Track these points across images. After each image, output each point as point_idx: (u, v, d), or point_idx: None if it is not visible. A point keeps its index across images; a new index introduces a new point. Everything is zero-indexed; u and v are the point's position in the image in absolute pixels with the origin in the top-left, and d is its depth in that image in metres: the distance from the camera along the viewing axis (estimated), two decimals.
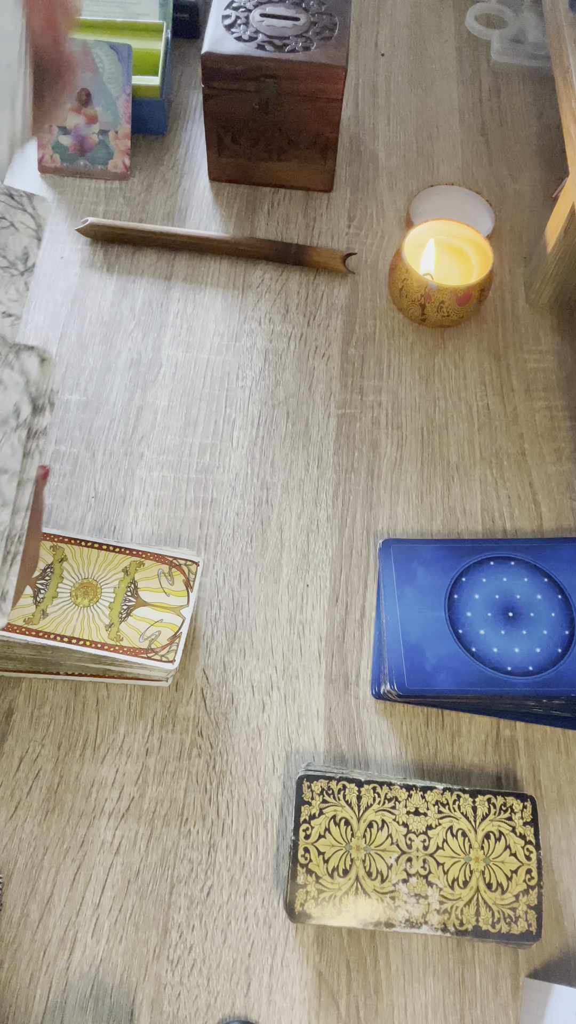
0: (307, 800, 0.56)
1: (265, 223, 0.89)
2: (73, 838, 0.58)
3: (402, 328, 0.83)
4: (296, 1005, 0.54)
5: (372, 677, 0.65)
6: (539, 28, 1.04)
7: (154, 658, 0.60)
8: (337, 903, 0.54)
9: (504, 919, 0.54)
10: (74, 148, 0.89)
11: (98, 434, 0.75)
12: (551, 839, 0.60)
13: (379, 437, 0.76)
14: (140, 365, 0.79)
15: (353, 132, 0.97)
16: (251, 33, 0.80)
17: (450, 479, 0.74)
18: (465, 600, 0.65)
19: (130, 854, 0.58)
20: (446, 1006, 0.54)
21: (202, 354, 0.80)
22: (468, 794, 0.57)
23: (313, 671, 0.65)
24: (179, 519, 0.71)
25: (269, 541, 0.70)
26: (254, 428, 0.76)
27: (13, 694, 0.63)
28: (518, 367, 0.81)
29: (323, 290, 0.85)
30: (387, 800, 0.57)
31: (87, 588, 0.62)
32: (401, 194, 0.92)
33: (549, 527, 0.72)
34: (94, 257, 0.86)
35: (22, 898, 0.56)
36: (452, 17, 1.08)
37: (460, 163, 0.95)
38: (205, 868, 0.58)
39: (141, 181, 0.91)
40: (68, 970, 0.54)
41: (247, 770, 0.61)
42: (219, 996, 0.54)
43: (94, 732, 0.62)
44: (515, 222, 0.91)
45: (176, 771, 0.61)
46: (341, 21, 0.81)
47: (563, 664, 0.62)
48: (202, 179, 0.92)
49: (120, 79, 0.87)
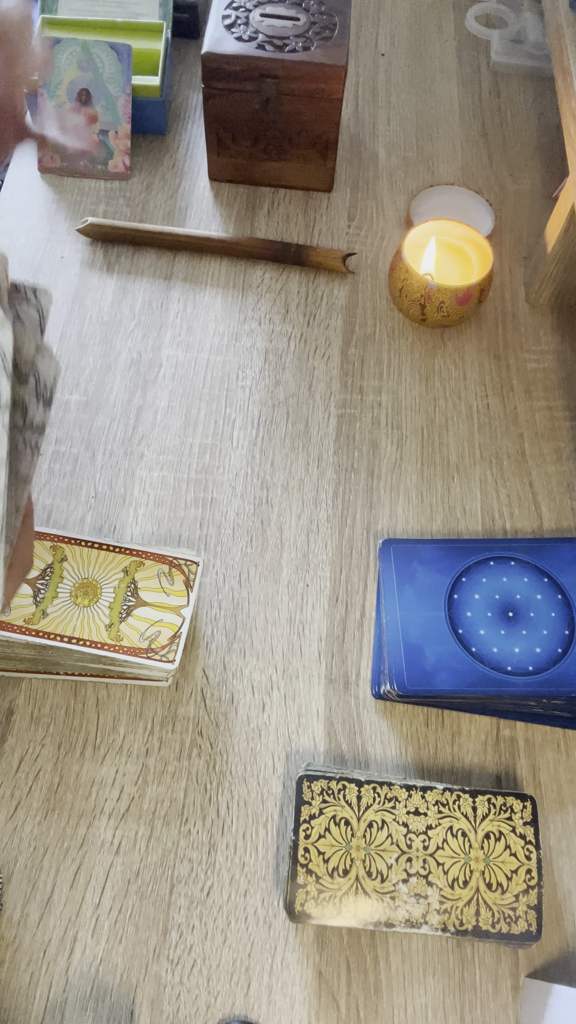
0: (307, 800, 0.56)
1: (265, 223, 0.89)
2: (73, 838, 0.58)
3: (402, 328, 0.83)
4: (296, 1005, 0.54)
5: (372, 677, 0.65)
6: (539, 28, 1.04)
7: (154, 658, 0.60)
8: (337, 903, 0.54)
9: (504, 919, 0.54)
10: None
11: (98, 434, 0.75)
12: (551, 839, 0.60)
13: (379, 437, 0.76)
14: (140, 365, 0.79)
15: (353, 132, 0.97)
16: (251, 33, 0.80)
17: (450, 479, 0.74)
18: (465, 600, 0.65)
19: (130, 854, 0.58)
20: (446, 1006, 0.54)
21: (202, 354, 0.80)
22: (468, 794, 0.57)
23: (313, 671, 0.65)
24: (179, 519, 0.71)
25: (269, 541, 0.70)
26: (254, 428, 0.76)
27: (13, 694, 0.63)
28: (518, 367, 0.81)
29: (323, 290, 0.85)
30: (387, 800, 0.57)
31: (87, 588, 0.62)
32: (401, 194, 0.92)
33: (549, 527, 0.72)
34: (94, 257, 0.86)
35: (22, 898, 0.56)
36: (452, 17, 1.08)
37: (460, 163, 0.95)
38: (205, 868, 0.58)
39: (141, 181, 0.91)
40: (68, 970, 0.54)
41: (247, 770, 0.61)
42: (219, 996, 0.54)
43: (94, 732, 0.62)
44: (515, 222, 0.91)
45: (176, 771, 0.61)
46: (341, 21, 0.81)
47: (563, 664, 0.62)
48: (202, 179, 0.92)
49: (120, 79, 0.87)
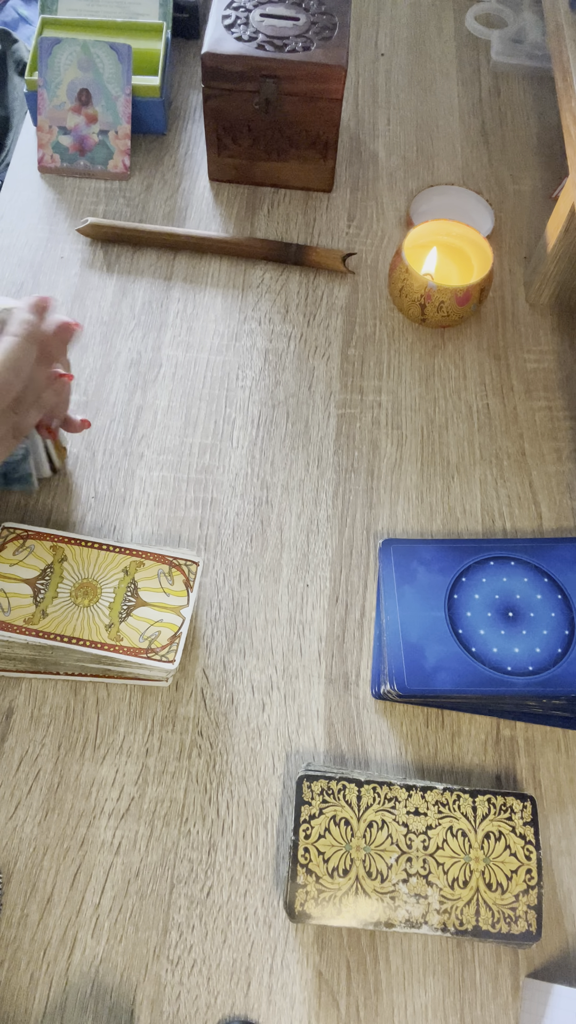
0: (307, 800, 0.56)
1: (265, 223, 0.89)
2: (73, 838, 0.58)
3: (402, 328, 0.83)
4: (296, 1005, 0.54)
5: (372, 677, 0.65)
6: (539, 28, 1.04)
7: (154, 658, 0.60)
8: (337, 903, 0.54)
9: (504, 919, 0.54)
10: (74, 148, 0.89)
11: (98, 434, 0.75)
12: (551, 839, 0.60)
13: (379, 437, 0.76)
14: (140, 365, 0.79)
15: (353, 132, 0.97)
16: (251, 33, 0.80)
17: (450, 479, 0.74)
18: (465, 600, 0.65)
19: (130, 854, 0.58)
20: (446, 1006, 0.54)
21: (202, 354, 0.80)
22: (468, 794, 0.57)
23: (313, 671, 0.65)
24: (179, 519, 0.71)
25: (269, 541, 0.70)
26: (254, 428, 0.76)
27: (13, 694, 0.63)
28: (518, 367, 0.81)
29: (323, 290, 0.85)
30: (387, 800, 0.57)
31: (87, 588, 0.62)
32: (401, 194, 0.92)
33: (549, 527, 0.72)
34: (94, 257, 0.86)
35: (22, 898, 0.56)
36: (452, 17, 1.08)
37: (460, 163, 0.95)
38: (205, 868, 0.58)
39: (141, 181, 0.91)
40: (68, 970, 0.54)
41: (247, 770, 0.61)
42: (219, 996, 0.54)
43: (94, 732, 0.62)
44: (515, 222, 0.91)
45: (176, 771, 0.61)
46: (341, 21, 0.81)
47: (563, 664, 0.62)
48: (202, 179, 0.92)
49: (120, 79, 0.87)
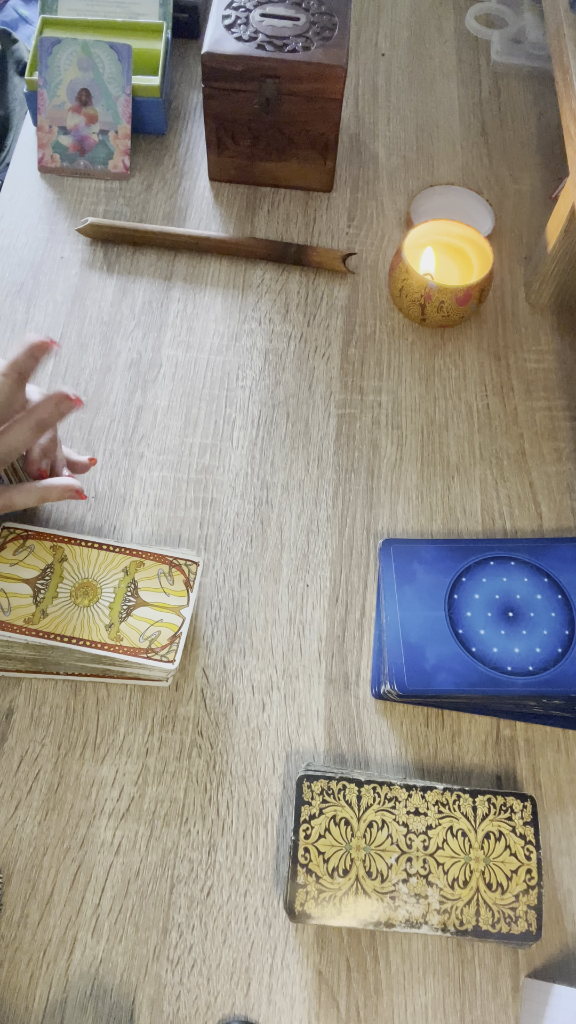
0: (307, 800, 0.56)
1: (265, 223, 0.89)
2: (73, 838, 0.58)
3: (402, 328, 0.83)
4: (296, 1005, 0.54)
5: (372, 677, 0.65)
6: (539, 28, 1.04)
7: (154, 658, 0.60)
8: (337, 903, 0.54)
9: (504, 919, 0.54)
10: (74, 148, 0.89)
11: (98, 434, 0.75)
12: (551, 839, 0.60)
13: (379, 437, 0.76)
14: (140, 365, 0.79)
15: (353, 132, 0.97)
16: (251, 33, 0.80)
17: (450, 479, 0.74)
18: (465, 600, 0.65)
19: (130, 854, 0.58)
20: (446, 1006, 0.54)
21: (202, 354, 0.80)
22: (468, 794, 0.57)
23: (313, 671, 0.65)
24: (179, 519, 0.71)
25: (269, 541, 0.70)
26: (254, 428, 0.76)
27: (13, 694, 0.63)
28: (518, 367, 0.81)
29: (323, 290, 0.85)
30: (387, 800, 0.57)
31: (87, 588, 0.62)
32: (401, 194, 0.92)
33: (549, 527, 0.72)
34: (94, 257, 0.86)
35: (22, 898, 0.56)
36: (452, 17, 1.08)
37: (460, 163, 0.95)
38: (205, 868, 0.58)
39: (141, 181, 0.91)
40: (68, 970, 0.54)
41: (247, 770, 0.61)
42: (219, 996, 0.54)
43: (94, 732, 0.62)
44: (515, 222, 0.91)
45: (176, 771, 0.61)
46: (341, 21, 0.81)
47: (563, 664, 0.62)
48: (202, 179, 0.92)
49: (120, 79, 0.87)
